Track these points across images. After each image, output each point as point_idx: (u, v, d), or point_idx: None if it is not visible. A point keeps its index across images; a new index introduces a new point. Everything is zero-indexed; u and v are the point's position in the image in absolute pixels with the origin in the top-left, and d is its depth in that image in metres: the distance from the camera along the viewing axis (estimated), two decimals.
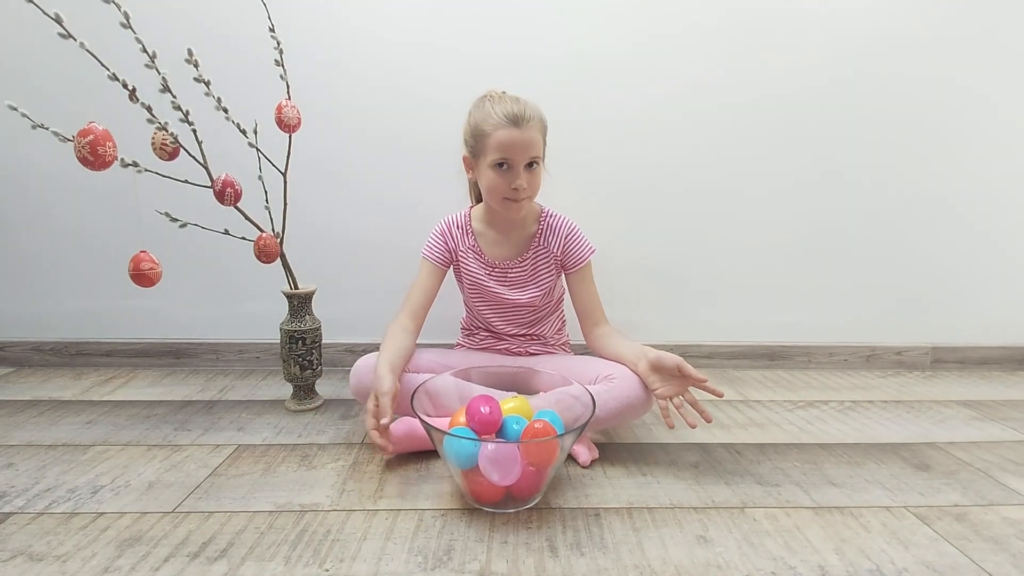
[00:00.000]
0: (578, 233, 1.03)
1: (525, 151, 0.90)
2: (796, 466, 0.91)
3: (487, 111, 0.91)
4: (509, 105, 0.89)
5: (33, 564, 0.64)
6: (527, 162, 0.91)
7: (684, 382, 0.86)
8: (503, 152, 0.89)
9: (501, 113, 0.89)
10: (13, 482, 0.82)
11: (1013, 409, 1.18)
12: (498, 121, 0.89)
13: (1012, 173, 1.38)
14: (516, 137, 0.88)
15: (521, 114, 0.88)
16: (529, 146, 0.90)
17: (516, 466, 0.72)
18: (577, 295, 1.03)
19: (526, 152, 0.90)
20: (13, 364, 1.37)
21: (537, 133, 0.91)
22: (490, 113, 0.90)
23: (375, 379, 0.85)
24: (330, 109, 1.27)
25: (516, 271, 1.04)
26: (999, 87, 1.34)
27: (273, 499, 0.78)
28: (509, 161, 0.90)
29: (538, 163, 0.93)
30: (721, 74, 1.31)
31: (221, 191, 0.98)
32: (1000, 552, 0.69)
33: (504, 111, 0.89)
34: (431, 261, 1.03)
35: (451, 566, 0.65)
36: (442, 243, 1.04)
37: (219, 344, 1.38)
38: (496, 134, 0.89)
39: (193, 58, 0.93)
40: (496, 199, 0.95)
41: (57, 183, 1.29)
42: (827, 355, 1.45)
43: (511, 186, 0.91)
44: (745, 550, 0.69)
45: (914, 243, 1.41)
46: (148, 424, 1.03)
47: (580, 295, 1.03)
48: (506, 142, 0.89)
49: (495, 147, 0.89)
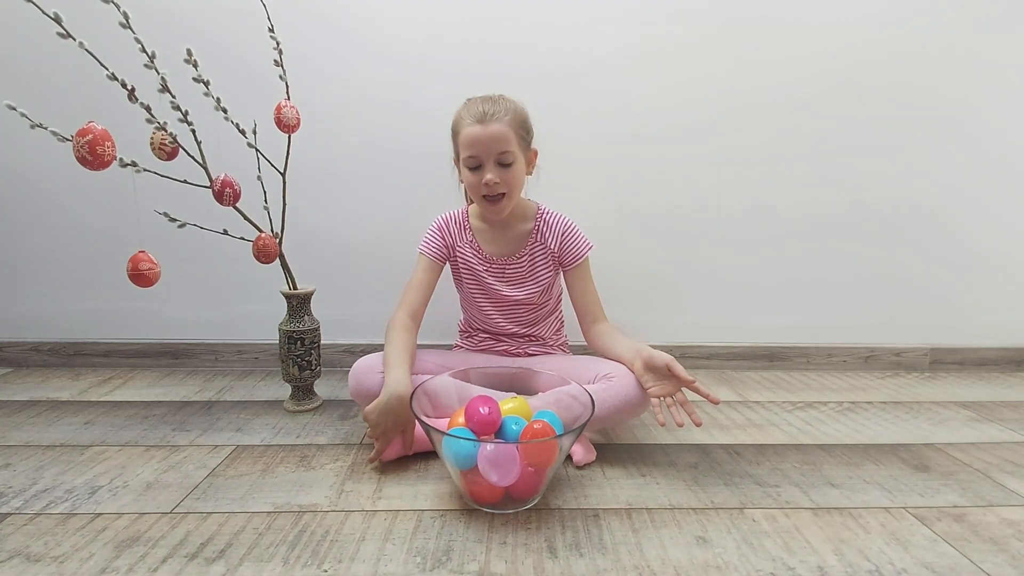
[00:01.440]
0: (575, 230, 1.03)
1: (489, 146, 0.90)
2: (795, 467, 0.91)
3: (460, 113, 0.94)
4: (478, 104, 0.91)
5: (30, 565, 0.64)
6: (496, 158, 0.91)
7: (676, 382, 0.86)
8: (469, 149, 0.92)
9: (469, 112, 0.91)
10: (11, 482, 0.82)
11: (1012, 410, 1.18)
12: (466, 120, 0.91)
13: (1011, 174, 1.39)
14: (479, 133, 0.90)
15: (487, 111, 0.90)
16: (494, 141, 0.90)
17: (515, 467, 0.71)
18: (575, 292, 1.03)
19: (491, 147, 0.90)
20: (11, 364, 1.37)
21: (505, 127, 0.90)
22: (461, 114, 0.93)
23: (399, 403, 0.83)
24: (329, 109, 1.27)
25: (513, 268, 1.04)
26: (999, 88, 1.34)
27: (272, 500, 0.78)
28: (477, 158, 0.92)
29: (511, 158, 0.92)
30: (721, 75, 1.31)
31: (220, 191, 0.98)
32: (999, 553, 0.69)
33: (472, 110, 0.91)
34: (428, 256, 1.03)
35: (450, 567, 0.65)
36: (439, 238, 1.04)
37: (218, 344, 1.38)
38: (463, 132, 0.91)
39: (192, 58, 0.93)
40: (476, 198, 0.97)
41: (56, 183, 1.29)
42: (826, 356, 1.45)
43: (482, 182, 0.92)
44: (744, 551, 0.68)
45: (913, 244, 1.41)
46: (146, 425, 1.03)
47: (578, 292, 1.03)
48: (471, 139, 0.91)
49: (463, 145, 0.92)
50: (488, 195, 0.94)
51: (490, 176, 0.91)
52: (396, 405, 0.83)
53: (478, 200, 0.97)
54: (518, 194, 0.98)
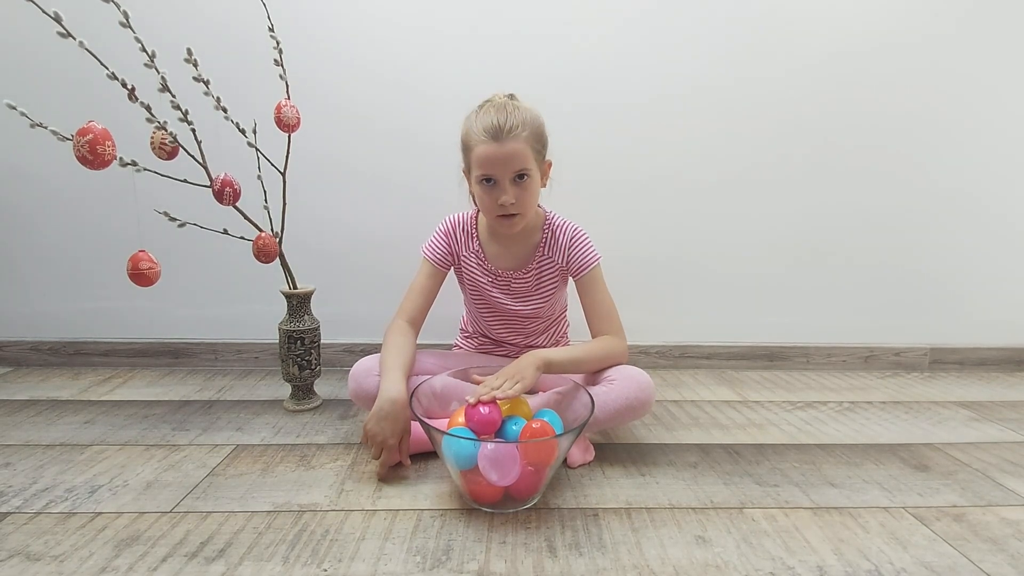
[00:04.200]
0: (582, 239, 0.98)
1: (507, 166, 0.85)
2: (795, 467, 0.91)
3: (471, 124, 0.88)
4: (492, 116, 0.85)
5: (30, 564, 0.64)
6: (512, 176, 0.87)
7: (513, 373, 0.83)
8: (484, 169, 0.86)
9: (482, 127, 0.85)
10: (10, 482, 0.82)
11: (1011, 410, 1.18)
12: (479, 136, 0.85)
13: (1010, 175, 1.39)
14: (496, 152, 0.84)
15: (502, 126, 0.84)
16: (511, 159, 0.85)
17: (515, 466, 0.71)
18: (584, 304, 0.99)
19: (508, 167, 0.85)
20: (11, 363, 1.36)
21: (522, 144, 0.85)
22: (473, 126, 0.87)
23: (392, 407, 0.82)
24: (329, 109, 1.27)
25: (520, 282, 1.01)
26: (998, 88, 1.34)
27: (271, 499, 0.78)
28: (493, 177, 0.87)
29: (528, 175, 0.88)
30: (720, 76, 1.31)
31: (220, 190, 0.98)
32: (998, 553, 0.69)
33: (484, 125, 0.85)
34: (432, 263, 1.01)
35: (449, 566, 0.65)
36: (444, 244, 1.02)
37: (217, 344, 1.38)
38: (477, 150, 0.86)
39: (192, 57, 0.93)
40: (489, 216, 0.93)
41: (56, 182, 1.29)
42: (826, 356, 1.45)
43: (498, 202, 0.87)
44: (744, 550, 0.69)
45: (912, 244, 1.41)
46: (146, 424, 1.03)
47: (586, 304, 0.98)
48: (487, 158, 0.85)
49: (477, 163, 0.87)
50: (502, 214, 0.90)
51: (506, 197, 0.86)
52: (391, 410, 0.82)
53: (490, 218, 0.93)
54: (532, 211, 0.94)
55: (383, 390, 0.84)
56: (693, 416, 1.12)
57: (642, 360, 1.42)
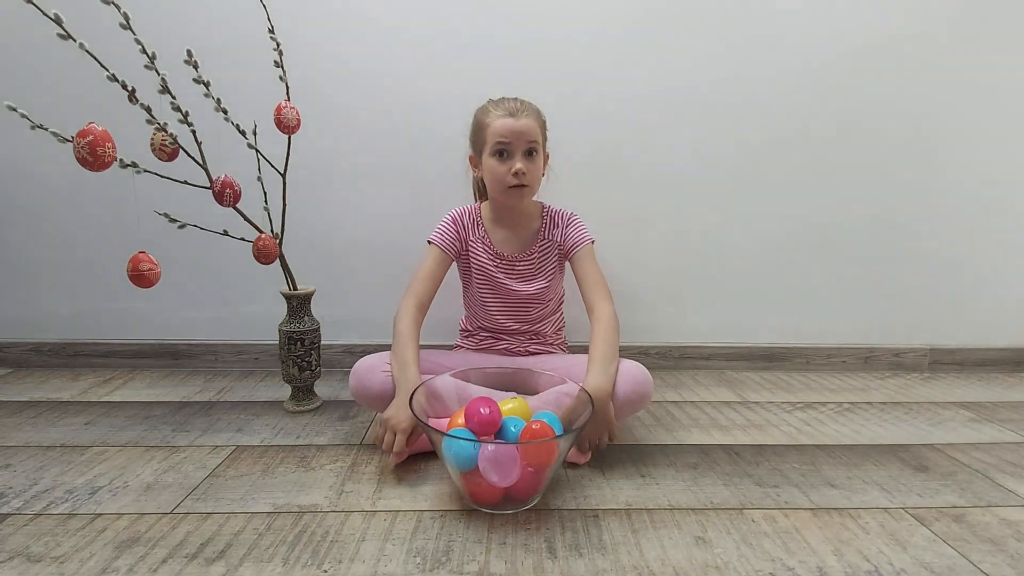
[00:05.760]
0: (576, 221, 1.07)
1: (522, 136, 0.95)
2: (794, 467, 0.91)
3: (487, 109, 0.99)
4: (508, 102, 0.98)
5: (31, 565, 0.64)
6: (525, 148, 0.96)
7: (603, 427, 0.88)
8: (501, 136, 0.95)
9: (498, 108, 0.97)
10: (11, 483, 0.82)
11: (1011, 411, 1.18)
12: (496, 113, 0.96)
13: (1010, 175, 1.39)
14: (513, 124, 0.95)
15: (518, 107, 0.96)
16: (525, 131, 0.95)
17: (515, 467, 0.72)
18: (579, 275, 1.03)
19: (523, 137, 0.95)
20: (11, 365, 1.37)
21: (534, 122, 0.97)
22: (489, 110, 0.98)
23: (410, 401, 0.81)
24: (329, 110, 1.27)
25: (524, 264, 1.06)
26: (998, 89, 1.34)
27: (272, 500, 0.78)
28: (508, 147, 0.96)
29: (536, 151, 0.97)
30: (720, 76, 1.31)
31: (220, 192, 0.98)
32: (998, 553, 0.69)
33: (501, 106, 0.97)
34: (440, 248, 1.04)
35: (449, 567, 0.65)
36: (453, 230, 1.05)
37: (218, 345, 1.38)
38: (495, 124, 0.96)
39: (192, 59, 0.93)
40: (499, 188, 0.98)
41: (56, 183, 1.29)
42: (825, 357, 1.45)
43: (511, 171, 0.95)
44: (743, 551, 0.69)
45: (912, 245, 1.41)
46: (146, 425, 1.03)
47: (580, 274, 1.03)
48: (504, 128, 0.95)
49: (494, 134, 0.96)
50: (513, 184, 0.96)
51: (520, 165, 0.95)
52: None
53: (500, 190, 0.99)
54: (537, 188, 1.02)
55: (406, 380, 0.87)
56: (693, 417, 1.12)
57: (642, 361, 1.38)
